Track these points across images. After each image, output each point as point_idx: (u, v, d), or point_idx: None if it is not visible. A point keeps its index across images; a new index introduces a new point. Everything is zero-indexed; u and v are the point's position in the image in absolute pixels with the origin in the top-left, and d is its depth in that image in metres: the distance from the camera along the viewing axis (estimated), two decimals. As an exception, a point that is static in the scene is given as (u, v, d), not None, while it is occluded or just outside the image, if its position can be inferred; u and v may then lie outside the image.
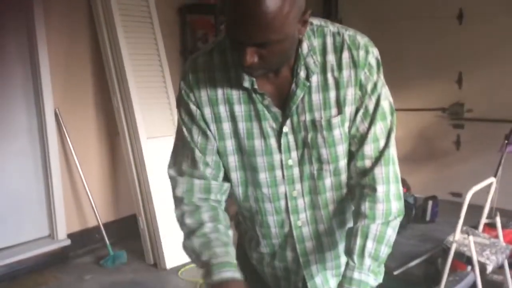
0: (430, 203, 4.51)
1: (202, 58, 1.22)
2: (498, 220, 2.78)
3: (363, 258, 1.16)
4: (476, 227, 2.89)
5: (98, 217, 3.87)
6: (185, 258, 3.66)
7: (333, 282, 1.36)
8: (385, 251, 1.20)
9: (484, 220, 2.87)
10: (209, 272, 1.15)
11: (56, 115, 3.76)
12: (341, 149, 1.21)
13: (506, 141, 3.66)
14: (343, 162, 1.23)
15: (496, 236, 2.79)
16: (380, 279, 1.23)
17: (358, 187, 1.23)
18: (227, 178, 1.28)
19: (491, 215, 2.91)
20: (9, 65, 3.63)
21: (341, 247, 1.33)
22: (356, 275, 1.15)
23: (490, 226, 2.90)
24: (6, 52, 3.61)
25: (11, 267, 3.56)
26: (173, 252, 3.67)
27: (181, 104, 1.24)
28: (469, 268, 2.76)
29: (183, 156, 1.26)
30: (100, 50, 3.82)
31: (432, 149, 5.15)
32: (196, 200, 1.25)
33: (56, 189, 3.79)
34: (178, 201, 1.27)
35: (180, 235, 1.28)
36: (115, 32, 3.70)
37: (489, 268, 2.51)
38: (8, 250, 3.63)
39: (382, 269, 1.30)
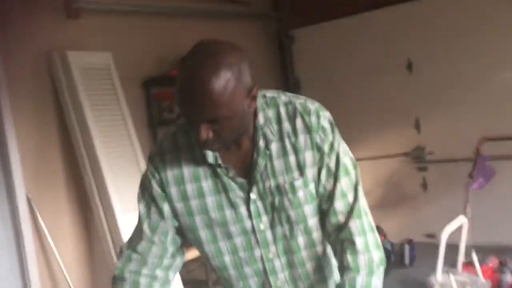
0: (407, 247, 4.60)
1: (166, 141, 1.31)
2: (475, 257, 2.88)
3: None
4: (454, 266, 2.98)
5: (77, 299, 3.78)
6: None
7: None
8: None
9: (461, 259, 2.97)
10: None
11: (28, 200, 3.72)
12: (308, 209, 1.28)
13: (471, 179, 3.84)
14: (312, 221, 1.29)
15: (475, 273, 2.88)
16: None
17: (338, 242, 1.28)
18: (179, 254, 1.36)
19: (467, 253, 3.01)
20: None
21: None
22: None
23: (468, 263, 2.99)
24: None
25: None
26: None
27: (145, 184, 1.32)
28: (454, 308, 2.82)
29: (135, 231, 1.35)
30: (68, 130, 3.85)
31: (400, 193, 5.31)
32: (126, 273, 1.32)
33: (32, 273, 3.68)
34: (115, 270, 1.35)
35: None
36: (82, 111, 3.76)
37: (473, 306, 2.59)
38: None
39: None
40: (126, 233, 3.66)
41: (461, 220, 2.85)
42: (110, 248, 3.75)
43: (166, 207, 1.30)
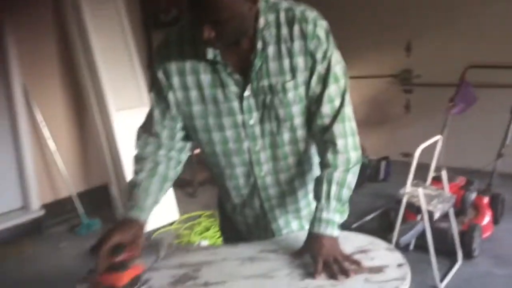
0: (383, 163, 4.85)
1: (173, 34, 1.42)
2: (444, 173, 3.09)
3: (329, 200, 1.38)
4: (425, 181, 3.20)
5: (70, 187, 3.99)
6: (159, 222, 3.90)
7: (294, 224, 1.58)
8: (347, 193, 1.42)
9: (431, 174, 3.18)
10: (123, 211, 1.39)
11: (24, 89, 3.82)
12: (295, 109, 1.41)
13: (451, 103, 3.99)
14: (297, 120, 1.43)
15: (443, 189, 3.11)
16: (344, 217, 1.46)
17: (321, 142, 1.43)
18: (187, 139, 1.51)
19: (438, 171, 3.22)
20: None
21: (300, 193, 1.54)
22: (324, 215, 1.37)
23: (437, 179, 3.21)
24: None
25: (-13, 238, 3.67)
26: (147, 217, 3.84)
27: (154, 74, 1.44)
28: (418, 218, 3.08)
29: (148, 116, 1.49)
30: (65, 25, 3.88)
31: (384, 113, 5.49)
32: (145, 153, 1.47)
33: (27, 161, 3.87)
34: (135, 151, 1.50)
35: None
36: (79, 9, 3.77)
37: (436, 215, 2.83)
38: (-18, 222, 3.72)
39: (346, 209, 1.53)
40: (120, 129, 3.82)
41: (436, 138, 3.03)
42: (104, 142, 3.90)
43: (171, 96, 1.42)
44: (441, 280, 2.91)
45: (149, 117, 1.48)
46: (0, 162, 3.84)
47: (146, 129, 1.49)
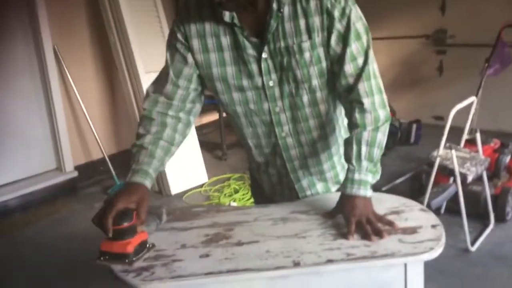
0: (414, 126, 4.78)
1: None
2: (478, 136, 3.02)
3: (361, 160, 1.36)
4: (457, 144, 3.14)
5: (102, 149, 4.05)
6: (189, 184, 3.95)
7: (320, 186, 1.57)
8: (378, 152, 1.39)
9: (465, 136, 3.12)
10: (128, 176, 1.34)
11: (54, 51, 3.85)
12: (313, 70, 1.38)
13: (487, 64, 3.87)
14: (316, 81, 1.40)
15: (476, 151, 3.05)
16: (377, 177, 1.44)
17: (347, 103, 1.41)
18: (198, 101, 1.49)
19: (472, 133, 3.15)
20: (5, 3, 3.67)
21: (323, 156, 1.53)
22: (356, 176, 1.35)
23: (471, 142, 3.14)
24: (0, -9, 3.65)
25: (24, 198, 3.77)
26: (177, 179, 3.90)
27: (172, 34, 1.43)
28: (451, 180, 3.04)
29: (160, 76, 1.46)
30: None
31: (415, 75, 5.37)
32: (154, 114, 1.43)
33: (60, 124, 3.95)
34: (143, 110, 1.47)
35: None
36: (108, -32, 3.75)
37: (469, 178, 2.78)
38: (19, 182, 3.84)
39: (378, 169, 1.51)
40: (148, 91, 3.83)
41: (471, 99, 2.95)
42: (133, 104, 3.93)
43: (189, 57, 1.42)
44: (473, 243, 2.88)
45: (163, 76, 1.45)
46: (34, 124, 3.92)
47: (157, 89, 1.45)
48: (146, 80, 3.85)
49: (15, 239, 3.35)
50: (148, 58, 3.89)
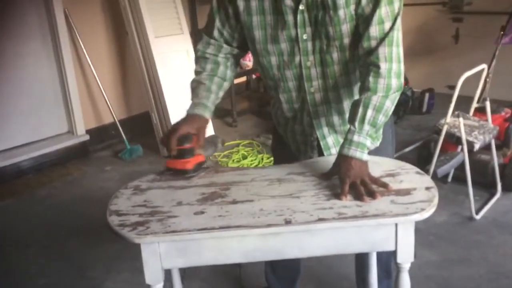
0: (426, 95, 4.73)
1: None
2: (487, 104, 2.99)
3: (363, 124, 1.37)
4: (468, 113, 3.10)
5: (113, 114, 4.09)
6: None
7: None
8: (382, 119, 1.40)
9: (474, 104, 3.08)
10: (188, 108, 1.53)
11: (65, 15, 3.86)
12: (345, 28, 1.39)
13: (502, 33, 3.80)
14: (347, 40, 1.42)
15: (486, 120, 3.02)
16: (376, 144, 1.46)
17: (365, 65, 1.41)
18: (242, 48, 1.60)
19: (482, 102, 3.11)
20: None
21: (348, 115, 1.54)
22: (356, 137, 1.36)
23: (481, 111, 3.11)
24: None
25: (36, 160, 3.84)
26: (186, 144, 3.93)
27: None
28: (459, 149, 3.02)
29: (209, 21, 1.57)
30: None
31: (431, 43, 5.28)
32: (207, 54, 1.59)
33: (71, 87, 3.98)
34: (196, 51, 1.62)
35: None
36: None
37: (476, 146, 2.76)
38: (32, 144, 3.90)
39: (379, 135, 1.53)
40: (158, 57, 3.84)
41: (481, 67, 2.91)
42: (144, 70, 3.95)
43: (232, 6, 1.48)
44: (478, 211, 2.88)
45: (211, 21, 1.57)
46: (46, 88, 3.96)
47: (208, 32, 1.58)
48: (156, 44, 3.84)
49: (28, 200, 3.43)
50: (157, 23, 3.88)
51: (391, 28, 1.37)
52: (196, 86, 1.55)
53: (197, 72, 1.58)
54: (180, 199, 1.33)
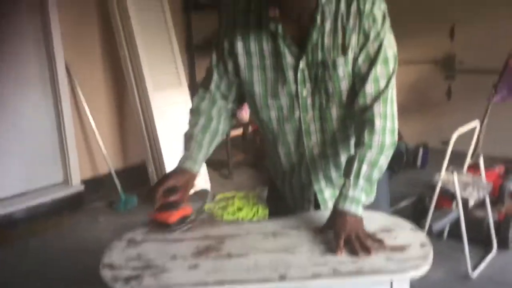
0: (421, 150, 4.78)
1: (242, 2, 1.49)
2: (481, 160, 3.02)
3: (358, 179, 1.39)
4: (461, 169, 3.13)
5: (109, 164, 4.10)
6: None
7: None
8: (377, 174, 1.42)
9: (468, 160, 3.11)
10: (180, 159, 1.52)
11: (66, 66, 3.93)
12: (344, 85, 1.44)
13: (494, 91, 3.88)
14: (345, 96, 1.46)
15: (480, 176, 3.04)
16: (371, 199, 1.48)
17: (360, 121, 1.45)
18: (239, 102, 1.61)
19: (476, 158, 3.15)
20: (20, 20, 3.78)
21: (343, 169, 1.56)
22: (350, 192, 1.37)
23: (474, 167, 3.14)
24: (17, 8, 3.75)
25: (30, 210, 3.82)
26: (182, 195, 3.93)
27: (219, 36, 1.54)
28: (454, 205, 3.03)
29: (207, 74, 1.58)
30: (107, 5, 3.96)
31: (424, 100, 5.38)
32: (201, 108, 1.58)
33: (69, 138, 4.01)
34: (192, 103, 1.62)
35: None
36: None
37: (471, 202, 2.77)
38: (26, 194, 3.89)
39: (373, 190, 1.54)
40: (157, 109, 3.89)
41: (474, 124, 2.96)
42: (142, 121, 3.99)
43: (232, 62, 1.51)
44: (474, 269, 2.86)
45: (209, 75, 1.58)
46: (43, 138, 3.99)
47: (205, 85, 1.59)
48: (155, 97, 3.91)
49: (20, 251, 3.38)
50: (157, 76, 3.97)
51: (386, 86, 1.41)
52: (188, 138, 1.56)
53: (190, 125, 1.58)
54: (175, 253, 1.33)
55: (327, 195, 1.60)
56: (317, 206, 1.63)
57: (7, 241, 3.52)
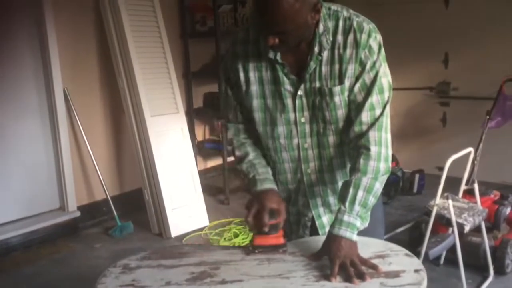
0: (417, 176, 4.78)
1: (241, 33, 1.56)
2: (476, 186, 3.03)
3: (354, 204, 1.41)
4: (457, 195, 3.14)
5: (105, 190, 4.10)
6: (189, 227, 3.96)
7: None
8: (372, 200, 1.45)
9: (463, 187, 3.12)
10: (255, 185, 1.53)
11: (65, 94, 3.96)
12: (341, 113, 1.48)
13: (488, 117, 3.92)
14: (342, 124, 1.50)
15: (475, 202, 3.05)
16: (365, 224, 1.49)
17: (355, 148, 1.49)
18: None
19: (471, 184, 3.16)
20: (19, 47, 3.82)
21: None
22: (346, 218, 1.40)
23: (469, 193, 3.15)
24: (16, 35, 3.79)
25: (25, 236, 3.79)
26: (178, 221, 3.92)
27: (225, 69, 1.60)
28: (449, 231, 3.03)
29: (227, 108, 1.63)
30: (106, 33, 4.02)
31: (419, 126, 5.42)
32: (241, 139, 1.62)
33: (66, 164, 4.00)
34: (230, 140, 1.66)
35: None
36: (120, 16, 3.90)
37: (467, 228, 2.77)
38: (22, 221, 3.86)
39: (368, 216, 1.55)
40: (154, 135, 3.91)
41: (468, 150, 2.99)
42: (138, 147, 4.00)
43: (238, 90, 1.55)
44: (471, 295, 2.85)
45: (229, 107, 1.62)
46: (40, 164, 3.99)
47: (232, 119, 1.63)
48: (152, 123, 3.93)
49: (15, 278, 3.35)
50: (154, 103, 3.99)
51: (381, 114, 1.45)
52: (250, 166, 1.58)
53: (241, 157, 1.61)
54: (169, 279, 1.33)
55: (325, 220, 1.62)
56: (313, 231, 1.64)
57: (2, 268, 3.49)
